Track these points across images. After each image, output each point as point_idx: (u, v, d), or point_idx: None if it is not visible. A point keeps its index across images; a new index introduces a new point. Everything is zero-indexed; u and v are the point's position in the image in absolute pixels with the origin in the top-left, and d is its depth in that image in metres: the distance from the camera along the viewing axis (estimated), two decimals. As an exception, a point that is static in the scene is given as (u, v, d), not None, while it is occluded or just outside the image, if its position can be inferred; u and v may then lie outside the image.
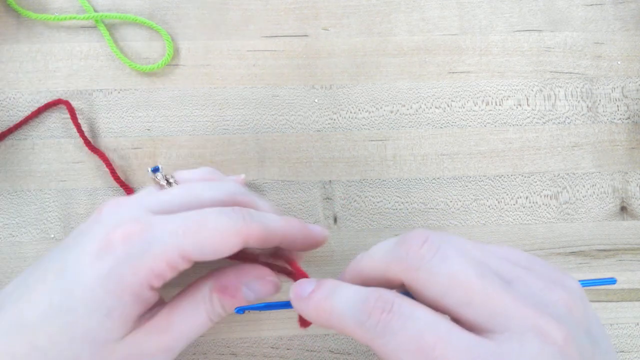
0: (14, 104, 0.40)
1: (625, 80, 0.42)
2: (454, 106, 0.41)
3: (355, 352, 0.37)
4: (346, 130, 0.41)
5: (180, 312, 0.28)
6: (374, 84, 0.42)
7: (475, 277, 0.22)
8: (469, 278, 0.22)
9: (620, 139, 0.42)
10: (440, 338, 0.21)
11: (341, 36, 0.42)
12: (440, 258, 0.22)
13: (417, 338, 0.21)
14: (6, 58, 0.40)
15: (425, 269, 0.22)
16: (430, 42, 0.42)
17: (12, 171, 0.39)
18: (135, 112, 0.40)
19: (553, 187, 0.41)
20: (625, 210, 0.41)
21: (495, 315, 0.21)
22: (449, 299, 0.22)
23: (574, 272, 0.39)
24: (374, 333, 0.22)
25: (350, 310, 0.23)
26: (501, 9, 0.43)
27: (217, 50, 0.41)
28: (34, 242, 0.38)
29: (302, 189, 0.40)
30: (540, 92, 0.42)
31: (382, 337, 0.22)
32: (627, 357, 0.38)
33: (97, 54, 0.41)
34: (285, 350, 0.37)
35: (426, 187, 0.40)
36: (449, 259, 0.22)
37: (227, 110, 0.41)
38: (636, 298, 0.39)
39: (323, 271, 0.38)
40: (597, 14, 0.43)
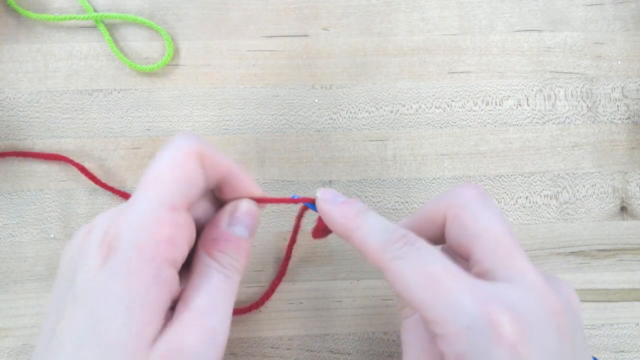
0: (14, 104, 0.40)
1: (625, 80, 0.42)
2: (454, 106, 0.41)
3: (355, 352, 0.37)
4: (346, 130, 0.41)
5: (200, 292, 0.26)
6: (374, 84, 0.42)
7: (507, 235, 0.25)
8: (503, 231, 0.25)
9: (620, 139, 0.42)
10: (448, 271, 0.24)
11: (341, 36, 0.42)
12: (485, 205, 0.26)
13: (428, 266, 0.24)
14: (6, 58, 0.41)
15: (470, 210, 0.26)
16: (430, 42, 0.42)
17: (12, 171, 0.39)
18: (135, 112, 0.40)
19: (553, 187, 0.41)
20: (625, 210, 0.41)
21: (510, 268, 0.24)
22: (479, 241, 0.25)
23: (574, 272, 0.39)
24: (392, 255, 0.25)
25: (377, 232, 0.26)
26: (501, 9, 0.43)
27: (217, 50, 0.41)
28: (34, 242, 0.38)
29: (302, 189, 0.40)
30: (540, 92, 0.42)
31: (398, 259, 0.25)
32: (627, 357, 0.38)
33: (97, 54, 0.41)
34: (285, 350, 0.37)
35: (426, 187, 0.40)
36: (490, 209, 0.26)
37: (227, 110, 0.41)
38: (636, 298, 0.39)
39: (323, 271, 0.38)
40: (597, 14, 0.43)
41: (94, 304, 0.23)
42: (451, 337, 0.23)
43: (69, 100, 0.40)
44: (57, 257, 0.38)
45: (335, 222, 0.28)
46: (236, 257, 0.27)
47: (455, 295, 0.23)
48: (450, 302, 0.23)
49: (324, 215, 0.28)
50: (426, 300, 0.24)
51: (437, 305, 0.23)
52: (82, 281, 0.24)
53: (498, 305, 0.22)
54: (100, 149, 0.40)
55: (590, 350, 0.38)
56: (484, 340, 0.22)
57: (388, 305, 0.38)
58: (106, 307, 0.23)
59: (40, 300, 0.37)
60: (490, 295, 0.23)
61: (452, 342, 0.23)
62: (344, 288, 0.38)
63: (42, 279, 0.37)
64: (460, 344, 0.22)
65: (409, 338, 0.27)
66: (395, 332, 0.38)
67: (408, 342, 0.27)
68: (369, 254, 0.26)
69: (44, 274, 0.38)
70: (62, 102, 0.40)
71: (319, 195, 0.29)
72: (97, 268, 0.23)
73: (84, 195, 0.39)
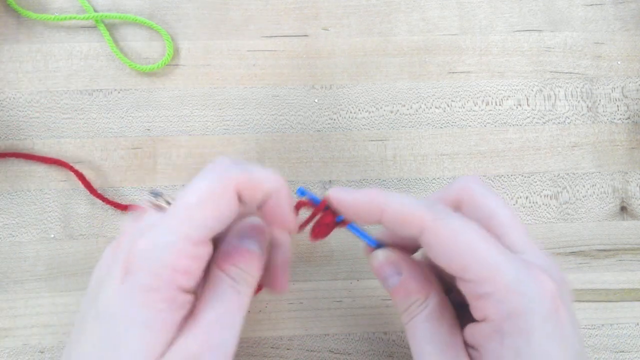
0: (14, 104, 0.40)
1: (625, 80, 0.42)
2: (454, 106, 0.41)
3: (355, 352, 0.37)
4: (346, 130, 0.41)
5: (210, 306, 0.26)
6: (374, 84, 0.42)
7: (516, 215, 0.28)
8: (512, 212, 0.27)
9: (620, 139, 0.42)
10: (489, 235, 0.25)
11: (341, 36, 0.42)
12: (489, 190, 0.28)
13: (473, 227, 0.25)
14: (6, 58, 0.41)
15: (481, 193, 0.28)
16: (430, 42, 0.42)
17: (12, 171, 0.39)
18: (135, 112, 0.40)
19: (553, 187, 0.41)
20: (625, 210, 0.41)
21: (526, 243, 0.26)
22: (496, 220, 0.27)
23: (574, 272, 0.39)
24: (436, 215, 0.25)
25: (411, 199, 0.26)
26: (501, 9, 0.43)
27: (217, 50, 0.41)
28: (34, 242, 0.38)
29: (302, 189, 0.40)
30: (540, 92, 0.42)
31: (443, 219, 0.25)
32: (627, 357, 0.38)
33: (97, 54, 0.41)
34: (285, 350, 0.37)
35: (426, 187, 0.40)
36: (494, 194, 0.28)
37: (227, 110, 0.41)
38: (636, 298, 0.39)
39: (323, 271, 0.38)
40: (597, 14, 0.43)
41: (111, 322, 0.24)
42: (501, 294, 0.24)
43: (69, 100, 0.40)
44: (57, 257, 0.38)
45: (360, 203, 0.27)
46: (248, 269, 0.27)
47: (501, 257, 0.24)
48: (498, 261, 0.24)
49: (344, 201, 0.28)
50: (473, 259, 0.24)
51: (485, 264, 0.24)
52: (104, 298, 0.25)
53: (537, 266, 0.25)
54: (100, 149, 0.40)
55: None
56: (533, 294, 0.23)
57: (388, 305, 0.38)
58: (123, 326, 0.24)
59: (40, 300, 0.37)
60: (526, 259, 0.25)
61: (501, 299, 0.23)
62: (344, 288, 0.38)
63: (42, 279, 0.37)
64: (512, 299, 0.23)
65: (422, 334, 0.26)
66: (395, 332, 0.38)
67: (423, 339, 0.26)
68: (412, 217, 0.26)
69: (44, 274, 0.38)
70: (62, 102, 0.40)
71: (330, 191, 0.29)
72: (117, 288, 0.24)
73: (84, 195, 0.39)
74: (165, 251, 0.25)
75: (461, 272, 0.25)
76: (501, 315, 0.24)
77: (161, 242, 0.25)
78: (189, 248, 0.25)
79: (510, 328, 0.23)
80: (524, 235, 0.27)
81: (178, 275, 0.25)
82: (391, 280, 0.29)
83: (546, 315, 0.23)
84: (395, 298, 0.29)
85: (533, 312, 0.23)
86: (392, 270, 0.29)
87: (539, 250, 0.27)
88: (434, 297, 0.27)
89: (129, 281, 0.24)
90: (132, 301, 0.24)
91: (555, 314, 0.24)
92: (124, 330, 0.24)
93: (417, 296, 0.27)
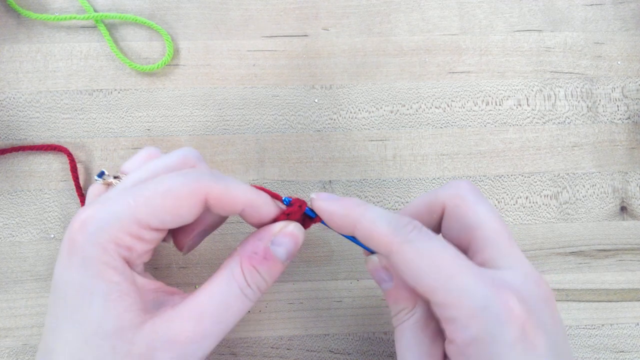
0: (14, 104, 0.40)
1: (625, 80, 0.42)
2: (454, 106, 0.41)
3: (355, 352, 0.37)
4: (346, 130, 0.41)
5: (209, 295, 0.26)
6: (374, 84, 0.42)
7: (504, 227, 0.27)
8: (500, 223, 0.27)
9: (620, 139, 0.42)
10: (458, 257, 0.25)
11: (341, 36, 0.42)
12: (480, 199, 0.28)
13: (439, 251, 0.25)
14: (6, 58, 0.40)
15: (469, 201, 0.27)
16: (430, 42, 0.42)
17: (12, 171, 0.39)
18: (135, 112, 0.40)
19: (553, 187, 0.41)
20: (625, 210, 0.41)
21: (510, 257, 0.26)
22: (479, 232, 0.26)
23: (574, 272, 0.39)
24: (402, 238, 0.25)
25: (383, 218, 0.26)
26: (501, 9, 0.43)
27: (217, 50, 0.41)
28: (34, 242, 0.38)
29: (302, 189, 0.40)
30: (540, 92, 0.42)
31: (409, 242, 0.25)
32: (627, 357, 0.38)
33: (97, 54, 0.41)
34: (285, 350, 0.37)
35: (426, 187, 0.40)
36: (485, 203, 0.27)
37: (227, 110, 0.41)
38: (636, 298, 0.39)
39: (323, 271, 0.38)
40: (597, 14, 0.43)
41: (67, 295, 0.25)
42: (465, 319, 0.23)
43: (69, 100, 0.40)
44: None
45: (336, 214, 0.28)
46: (266, 277, 0.28)
47: (468, 279, 0.24)
48: (463, 285, 0.24)
49: (324, 209, 0.28)
50: (439, 282, 0.24)
51: (451, 287, 0.24)
52: (55, 273, 0.26)
53: (507, 289, 0.24)
54: (100, 149, 0.40)
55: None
56: (497, 320, 0.23)
57: (388, 305, 0.38)
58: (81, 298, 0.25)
59: (40, 300, 0.37)
60: (498, 279, 0.24)
61: (465, 325, 0.23)
62: (344, 288, 0.38)
63: (42, 279, 0.37)
64: (475, 325, 0.23)
65: (406, 342, 0.27)
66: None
67: (406, 346, 0.27)
68: (379, 238, 0.26)
69: (44, 274, 0.38)
70: (62, 102, 0.40)
71: (314, 195, 0.29)
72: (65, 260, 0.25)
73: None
74: (109, 230, 0.25)
75: (429, 294, 0.25)
76: (465, 341, 0.23)
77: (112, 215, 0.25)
78: (134, 228, 0.25)
79: (475, 353, 0.23)
80: (509, 247, 0.26)
81: (122, 250, 0.25)
82: (385, 284, 0.29)
83: (513, 342, 0.23)
84: (388, 301, 0.29)
85: (498, 339, 0.23)
86: (383, 277, 0.29)
87: (523, 260, 0.26)
88: (420, 307, 0.27)
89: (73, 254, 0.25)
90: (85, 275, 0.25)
91: (525, 338, 0.23)
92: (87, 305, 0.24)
93: (405, 304, 0.28)
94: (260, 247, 0.28)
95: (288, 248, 0.28)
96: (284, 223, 0.29)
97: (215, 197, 0.27)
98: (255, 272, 0.27)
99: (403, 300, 0.28)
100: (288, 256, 0.29)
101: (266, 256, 0.28)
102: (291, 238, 0.29)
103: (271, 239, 0.28)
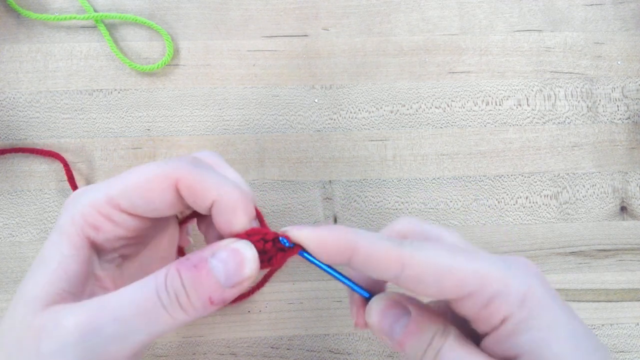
0: (14, 104, 0.40)
1: (625, 80, 0.42)
2: (454, 106, 0.41)
3: (355, 352, 0.37)
4: (346, 130, 0.41)
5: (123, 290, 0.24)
6: (374, 84, 0.42)
7: None
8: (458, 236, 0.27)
9: (620, 139, 0.42)
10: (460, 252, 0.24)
11: (341, 36, 0.42)
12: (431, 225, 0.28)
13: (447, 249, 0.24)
14: (6, 58, 0.40)
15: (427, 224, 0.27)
16: (430, 42, 0.42)
17: (12, 171, 0.39)
18: (135, 112, 0.40)
19: (553, 187, 0.41)
20: (625, 210, 0.41)
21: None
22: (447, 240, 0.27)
23: (574, 272, 0.39)
24: (410, 248, 0.24)
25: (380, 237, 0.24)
26: (501, 9, 0.43)
27: (217, 50, 0.41)
28: (34, 242, 0.38)
29: (302, 189, 0.40)
30: (540, 92, 0.42)
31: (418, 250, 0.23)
32: (627, 357, 0.38)
33: (97, 54, 0.41)
34: (285, 350, 0.37)
35: (426, 187, 0.40)
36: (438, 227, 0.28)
37: (227, 110, 0.41)
38: (636, 298, 0.39)
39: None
40: (597, 14, 0.43)
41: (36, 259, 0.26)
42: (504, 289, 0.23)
43: (69, 100, 0.40)
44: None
45: (329, 241, 0.24)
46: (188, 287, 0.23)
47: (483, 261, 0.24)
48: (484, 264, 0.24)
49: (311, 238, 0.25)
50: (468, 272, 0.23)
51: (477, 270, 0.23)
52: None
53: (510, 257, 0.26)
54: (100, 149, 0.40)
55: None
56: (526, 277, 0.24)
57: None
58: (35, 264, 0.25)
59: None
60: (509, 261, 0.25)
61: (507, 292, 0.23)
62: (344, 288, 0.38)
63: (42, 279, 0.38)
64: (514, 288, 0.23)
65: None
66: (395, 332, 0.38)
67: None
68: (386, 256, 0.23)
69: (44, 274, 0.38)
70: (62, 102, 0.40)
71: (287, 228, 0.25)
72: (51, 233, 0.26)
73: (84, 195, 0.39)
74: (81, 203, 0.26)
75: (458, 291, 0.23)
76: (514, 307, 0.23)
77: (87, 191, 0.26)
78: (103, 205, 0.25)
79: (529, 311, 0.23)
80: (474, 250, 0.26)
81: (87, 226, 0.25)
82: (398, 327, 0.25)
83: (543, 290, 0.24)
84: (409, 343, 0.25)
85: (535, 290, 0.24)
86: (396, 315, 0.26)
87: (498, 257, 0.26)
88: (450, 323, 0.25)
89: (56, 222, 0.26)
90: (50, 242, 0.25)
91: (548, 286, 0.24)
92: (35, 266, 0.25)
93: (435, 326, 0.25)
94: (197, 255, 0.24)
95: (228, 268, 0.24)
96: (233, 239, 0.25)
97: (186, 184, 0.25)
98: (177, 276, 0.23)
99: (432, 322, 0.25)
100: (227, 277, 0.24)
101: (197, 265, 0.24)
102: (234, 256, 0.24)
103: (213, 251, 0.24)
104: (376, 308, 0.26)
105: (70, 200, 0.27)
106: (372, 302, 0.26)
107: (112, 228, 0.26)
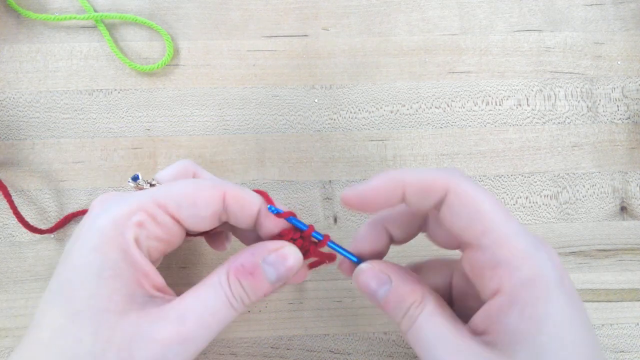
0: (14, 104, 0.40)
1: (625, 80, 0.42)
2: (454, 106, 0.41)
3: (355, 352, 0.37)
4: (346, 130, 0.41)
5: (195, 298, 0.26)
6: (374, 84, 0.42)
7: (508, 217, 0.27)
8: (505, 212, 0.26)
9: (620, 139, 0.42)
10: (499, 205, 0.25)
11: (341, 36, 0.42)
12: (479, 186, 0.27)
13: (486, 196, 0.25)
14: (6, 58, 0.41)
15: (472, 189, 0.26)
16: (430, 42, 0.42)
17: (12, 171, 0.39)
18: (135, 112, 0.40)
19: (553, 187, 0.41)
20: (625, 210, 0.41)
21: None
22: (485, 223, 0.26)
23: (574, 272, 0.39)
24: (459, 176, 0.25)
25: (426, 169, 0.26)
26: (501, 9, 0.43)
27: (217, 50, 0.41)
28: (34, 242, 0.38)
29: (302, 189, 0.40)
30: (540, 92, 0.42)
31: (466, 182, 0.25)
32: (627, 357, 0.38)
33: (97, 54, 0.41)
34: (285, 350, 0.37)
35: (426, 187, 0.40)
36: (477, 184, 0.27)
37: (227, 110, 0.41)
38: (636, 298, 0.39)
39: (324, 271, 0.38)
40: (597, 14, 0.43)
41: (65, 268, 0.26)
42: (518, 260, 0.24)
43: (69, 100, 0.40)
44: (57, 257, 0.38)
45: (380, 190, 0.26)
46: (250, 292, 0.28)
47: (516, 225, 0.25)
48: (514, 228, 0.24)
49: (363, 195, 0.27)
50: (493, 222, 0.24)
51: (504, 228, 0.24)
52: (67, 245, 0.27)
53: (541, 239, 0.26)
54: (100, 149, 0.40)
55: None
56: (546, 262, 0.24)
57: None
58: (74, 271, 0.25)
59: (40, 301, 0.37)
60: None
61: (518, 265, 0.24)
62: (344, 288, 0.38)
63: (42, 279, 0.37)
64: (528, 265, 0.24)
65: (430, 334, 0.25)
66: (395, 332, 0.38)
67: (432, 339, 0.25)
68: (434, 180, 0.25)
69: (44, 274, 0.38)
70: (62, 102, 0.40)
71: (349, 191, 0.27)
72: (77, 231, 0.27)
73: (83, 195, 0.39)
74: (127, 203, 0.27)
75: (480, 236, 0.24)
76: (517, 283, 0.23)
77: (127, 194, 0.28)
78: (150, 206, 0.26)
79: (528, 296, 0.23)
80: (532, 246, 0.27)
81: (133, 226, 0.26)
82: (381, 292, 0.28)
83: (558, 283, 0.24)
84: (389, 308, 0.27)
85: (548, 280, 0.23)
86: (380, 280, 0.28)
87: None
88: (429, 295, 0.27)
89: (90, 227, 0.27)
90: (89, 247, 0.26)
91: (564, 282, 0.24)
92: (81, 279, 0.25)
93: (413, 298, 0.26)
94: (250, 261, 0.28)
95: (279, 270, 0.28)
96: (281, 243, 0.29)
97: (233, 195, 0.28)
98: (239, 285, 0.27)
99: (410, 294, 0.27)
100: (278, 278, 0.28)
101: (253, 272, 0.27)
102: (283, 261, 0.28)
103: (264, 256, 0.28)
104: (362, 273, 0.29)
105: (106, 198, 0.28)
106: (360, 266, 0.29)
107: (154, 227, 0.27)
